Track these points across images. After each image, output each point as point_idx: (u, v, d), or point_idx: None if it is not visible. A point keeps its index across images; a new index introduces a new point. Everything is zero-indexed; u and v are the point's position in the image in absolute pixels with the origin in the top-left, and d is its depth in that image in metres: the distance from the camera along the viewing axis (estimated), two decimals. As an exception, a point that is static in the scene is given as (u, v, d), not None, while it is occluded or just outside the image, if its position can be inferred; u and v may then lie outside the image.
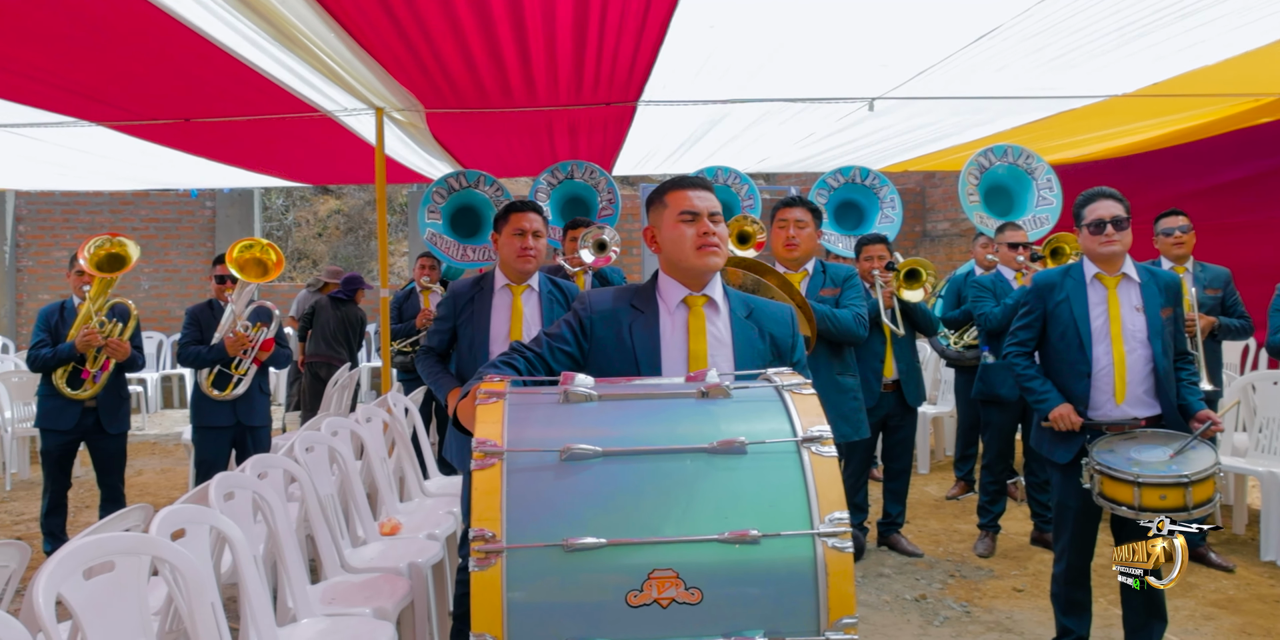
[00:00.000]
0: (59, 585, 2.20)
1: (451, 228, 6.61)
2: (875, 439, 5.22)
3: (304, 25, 4.04)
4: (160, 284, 11.57)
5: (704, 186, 2.29)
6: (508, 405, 1.83)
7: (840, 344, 4.33)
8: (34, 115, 5.52)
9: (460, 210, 6.69)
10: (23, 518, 6.33)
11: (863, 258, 5.07)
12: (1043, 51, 4.66)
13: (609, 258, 5.18)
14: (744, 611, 1.61)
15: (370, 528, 4.05)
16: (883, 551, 5.10)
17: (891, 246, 5.13)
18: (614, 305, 2.32)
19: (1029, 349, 3.55)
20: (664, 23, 4.08)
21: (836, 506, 1.67)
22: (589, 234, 5.22)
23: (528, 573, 1.61)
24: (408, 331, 6.69)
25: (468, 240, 6.62)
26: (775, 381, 1.93)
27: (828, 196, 6.07)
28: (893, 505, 5.16)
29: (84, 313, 4.99)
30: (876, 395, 4.90)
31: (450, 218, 6.62)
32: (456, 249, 6.52)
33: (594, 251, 5.19)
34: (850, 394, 4.27)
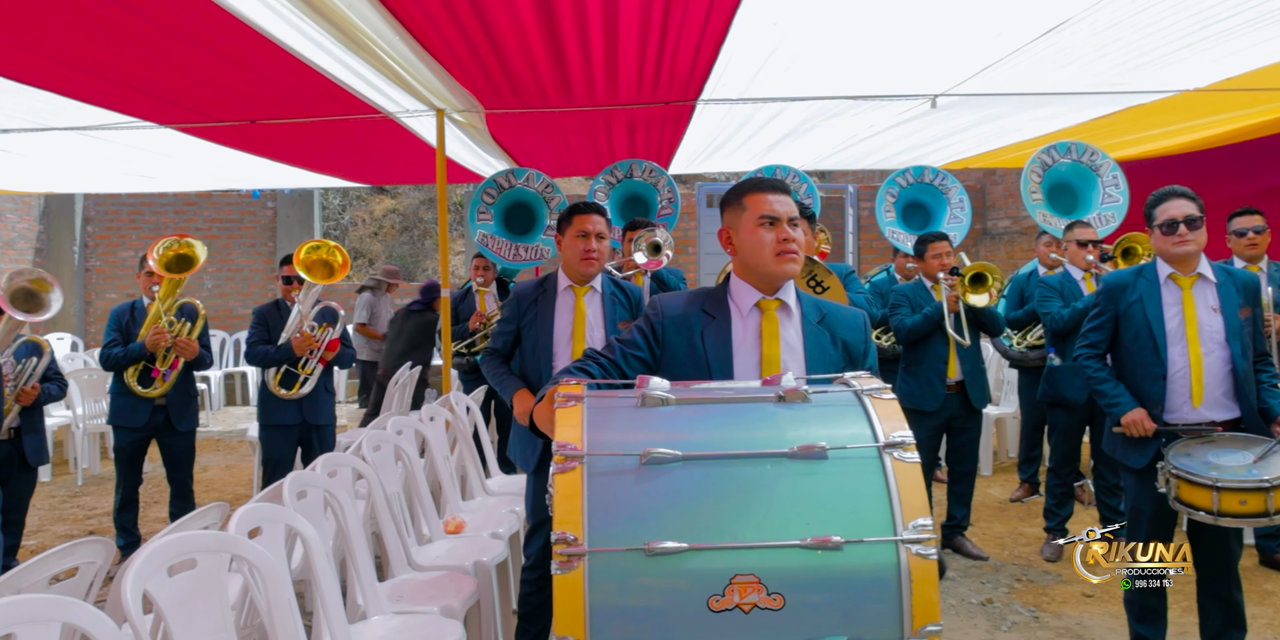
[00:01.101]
0: (145, 581, 2.26)
1: (505, 227, 6.64)
2: (939, 441, 5.16)
3: (369, 27, 4.09)
4: (223, 283, 11.80)
5: (784, 190, 2.27)
6: (586, 408, 1.84)
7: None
8: (105, 117, 5.65)
9: (512, 208, 6.71)
10: (95, 512, 6.49)
11: (929, 256, 5.00)
12: (1112, 46, 4.56)
13: (661, 261, 5.17)
14: (826, 618, 1.61)
15: (435, 526, 4.10)
16: (946, 554, 5.04)
17: (952, 242, 5.07)
18: (685, 310, 2.32)
19: (1100, 351, 3.49)
20: (727, 20, 4.07)
21: (920, 513, 1.65)
22: (642, 237, 5.22)
23: (610, 576, 1.61)
24: (462, 333, 6.74)
25: (521, 239, 6.64)
26: (854, 386, 1.91)
27: (897, 195, 6.00)
28: (957, 508, 5.10)
29: (153, 313, 5.11)
30: (941, 397, 4.84)
31: (503, 217, 6.66)
32: (509, 249, 6.56)
33: (648, 254, 5.18)
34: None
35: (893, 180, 6.09)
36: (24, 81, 4.79)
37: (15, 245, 10.96)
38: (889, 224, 5.87)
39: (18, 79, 4.74)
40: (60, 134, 6.10)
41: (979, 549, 5.03)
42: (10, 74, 4.65)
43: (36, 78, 4.76)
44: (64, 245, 11.58)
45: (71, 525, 6.11)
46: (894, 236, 5.72)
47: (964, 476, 5.09)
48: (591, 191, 6.73)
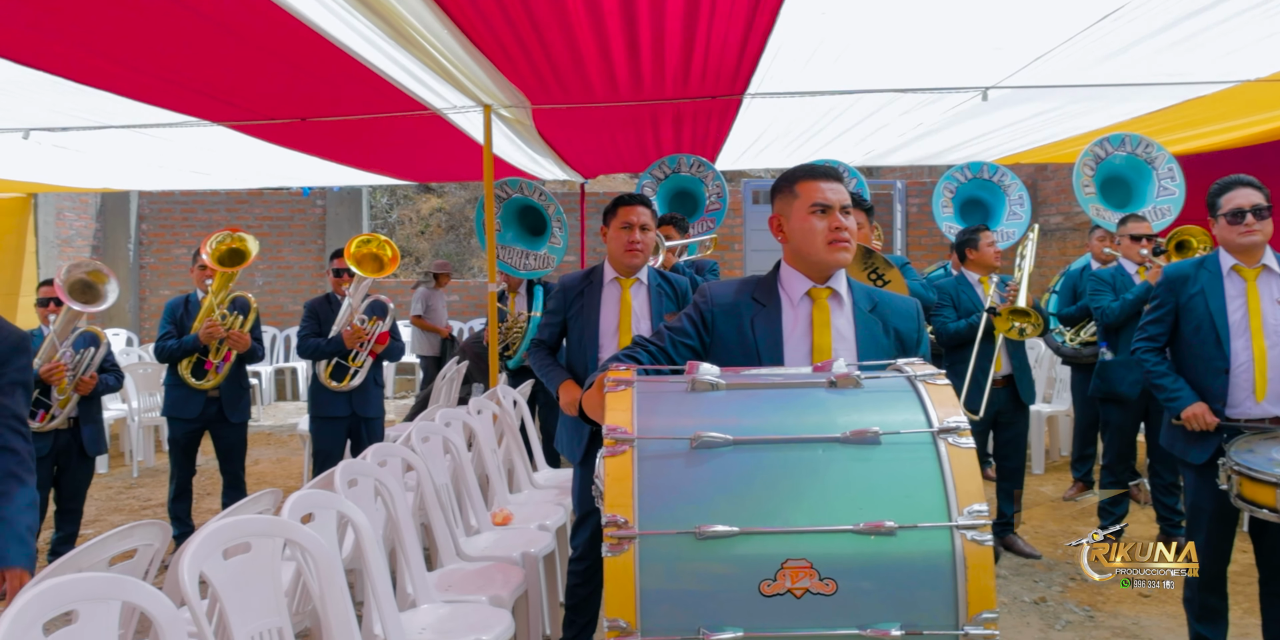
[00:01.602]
0: (202, 563, 2.30)
1: (515, 235, 6.63)
2: (986, 437, 5.09)
3: (419, 22, 4.12)
4: (274, 280, 11.98)
5: (836, 177, 2.25)
6: (636, 393, 1.83)
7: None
8: (160, 115, 5.76)
9: (519, 216, 6.70)
10: (150, 503, 6.62)
11: (984, 244, 4.96)
12: (1169, 33, 4.45)
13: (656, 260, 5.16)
14: (880, 604, 1.59)
15: (483, 517, 4.12)
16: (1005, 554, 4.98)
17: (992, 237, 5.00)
18: (735, 298, 2.30)
19: (1159, 345, 3.42)
20: (775, 9, 4.04)
21: (975, 498, 1.63)
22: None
23: (660, 559, 1.61)
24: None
25: (529, 246, 6.62)
26: (907, 372, 1.89)
27: (955, 190, 5.93)
28: (1007, 505, 5.02)
29: (206, 306, 5.20)
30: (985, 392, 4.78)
31: (511, 225, 6.64)
32: (520, 258, 6.55)
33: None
34: None
35: (950, 176, 6.01)
36: (82, 81, 4.89)
37: (73, 243, 11.21)
38: (947, 219, 5.80)
39: (76, 79, 4.84)
40: (117, 132, 6.23)
41: (1031, 547, 4.95)
42: (69, 74, 4.75)
43: (94, 78, 4.87)
44: (119, 243, 11.82)
45: (128, 515, 6.24)
46: (951, 232, 5.66)
47: (1012, 473, 5.02)
48: (639, 187, 6.73)
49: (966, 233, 5.06)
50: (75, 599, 2.01)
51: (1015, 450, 5.02)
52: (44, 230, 10.48)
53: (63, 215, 11.03)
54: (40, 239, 10.37)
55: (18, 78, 4.75)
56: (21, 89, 5.01)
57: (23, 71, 4.64)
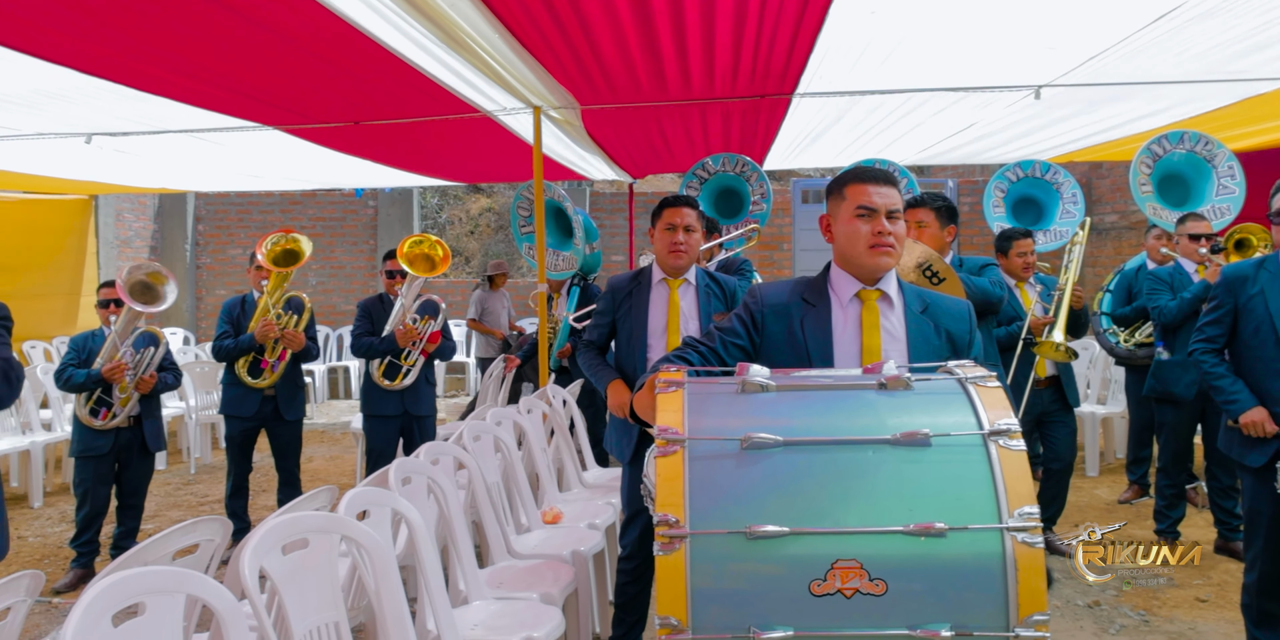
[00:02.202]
0: (262, 558, 2.35)
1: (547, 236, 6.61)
2: (1031, 439, 5.02)
3: (469, 25, 4.17)
4: (326, 280, 12.17)
5: (887, 181, 2.23)
6: (687, 394, 1.85)
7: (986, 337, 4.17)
8: (218, 120, 5.90)
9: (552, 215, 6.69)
10: (207, 499, 6.76)
11: (1013, 253, 4.88)
12: (1228, 32, 4.38)
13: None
14: (930, 605, 1.60)
15: (534, 515, 4.17)
16: (1051, 556, 4.93)
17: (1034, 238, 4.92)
18: (785, 299, 2.31)
19: (1218, 346, 3.36)
20: (824, 8, 4.03)
21: (1026, 501, 1.63)
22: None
23: (711, 558, 1.63)
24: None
25: (557, 247, 6.61)
26: (958, 374, 1.89)
27: (1006, 190, 5.85)
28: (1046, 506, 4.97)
29: (262, 305, 5.31)
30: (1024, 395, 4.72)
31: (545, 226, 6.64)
32: (551, 258, 6.52)
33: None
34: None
35: (1001, 175, 5.94)
36: (142, 89, 5.02)
37: (132, 244, 11.48)
38: (998, 219, 5.73)
39: (137, 86, 4.97)
40: (175, 136, 6.38)
41: (1065, 543, 4.90)
42: (130, 82, 4.88)
43: (154, 85, 5.00)
44: (177, 243, 12.08)
45: (186, 511, 6.39)
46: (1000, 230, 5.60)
47: (1057, 475, 4.94)
48: (682, 188, 6.74)
49: (1002, 238, 4.98)
50: (142, 592, 2.07)
51: (1063, 451, 4.94)
52: (104, 231, 10.75)
53: (122, 217, 11.30)
54: (100, 240, 10.64)
55: (81, 85, 4.90)
56: (85, 96, 5.16)
57: (86, 80, 4.78)
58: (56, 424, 7.07)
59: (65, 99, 5.24)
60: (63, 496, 6.72)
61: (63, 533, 5.80)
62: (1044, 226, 5.64)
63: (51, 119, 5.77)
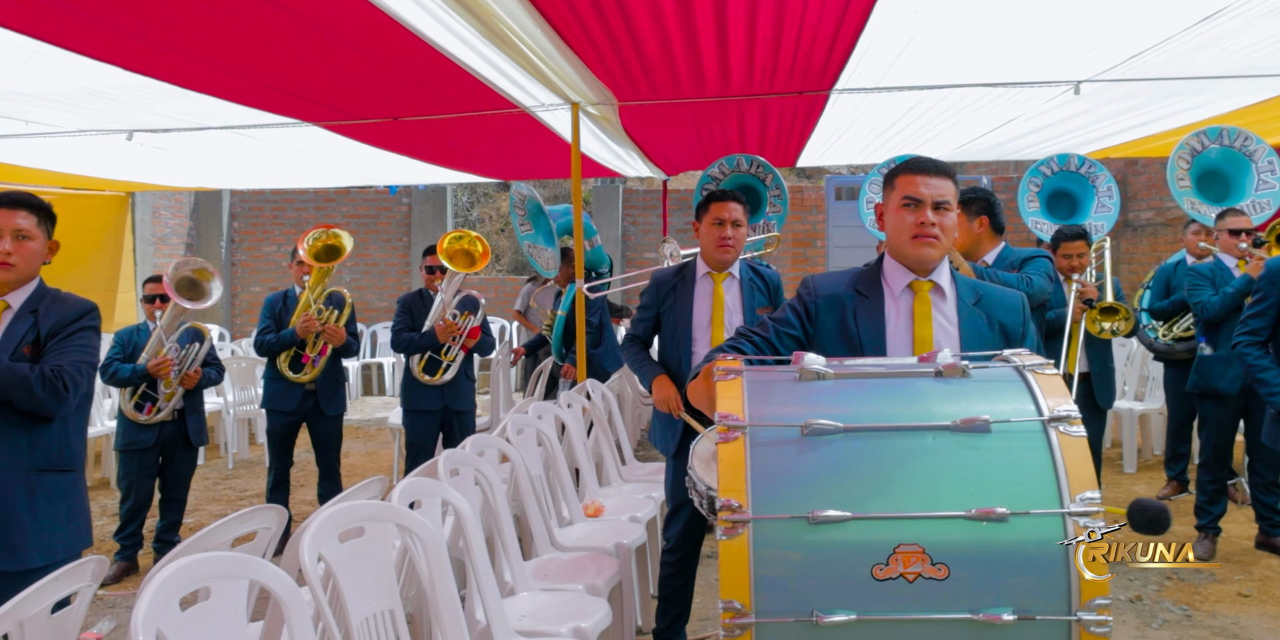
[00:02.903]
0: (320, 545, 2.40)
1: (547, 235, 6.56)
2: None
3: (511, 20, 4.21)
4: (360, 276, 12.28)
5: (938, 172, 2.25)
6: (746, 382, 1.88)
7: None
8: (257, 116, 5.97)
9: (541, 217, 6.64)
10: (246, 493, 6.85)
11: (1060, 254, 4.85)
12: (1270, 33, 4.35)
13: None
14: (992, 589, 1.62)
15: (576, 509, 4.21)
16: None
17: (1090, 240, 4.89)
18: (838, 290, 2.34)
19: (1262, 338, 3.36)
20: (868, 7, 4.04)
21: (1088, 486, 1.65)
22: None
23: (774, 543, 1.66)
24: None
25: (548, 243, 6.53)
26: (1015, 361, 1.91)
27: (1040, 184, 5.83)
28: None
29: (303, 301, 5.37)
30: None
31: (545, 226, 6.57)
32: (551, 257, 6.47)
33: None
34: None
35: (1036, 169, 5.91)
36: (185, 86, 5.09)
37: (168, 240, 11.63)
38: (1032, 214, 5.70)
39: (179, 83, 5.04)
40: (214, 133, 6.46)
41: None
42: (173, 79, 4.95)
43: (196, 82, 5.06)
44: (212, 240, 12.23)
45: (225, 505, 6.47)
46: (1038, 227, 5.57)
47: None
48: (699, 187, 6.69)
49: (1055, 237, 4.97)
50: (208, 576, 2.13)
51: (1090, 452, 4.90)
52: (140, 228, 10.89)
53: (158, 214, 11.45)
54: (137, 237, 10.77)
55: (125, 83, 4.97)
56: (128, 93, 5.24)
57: (129, 77, 4.85)
58: (97, 418, 7.17)
59: (109, 97, 5.32)
60: (103, 490, 6.82)
61: (104, 526, 5.90)
62: (1079, 221, 5.61)
63: (94, 116, 5.86)
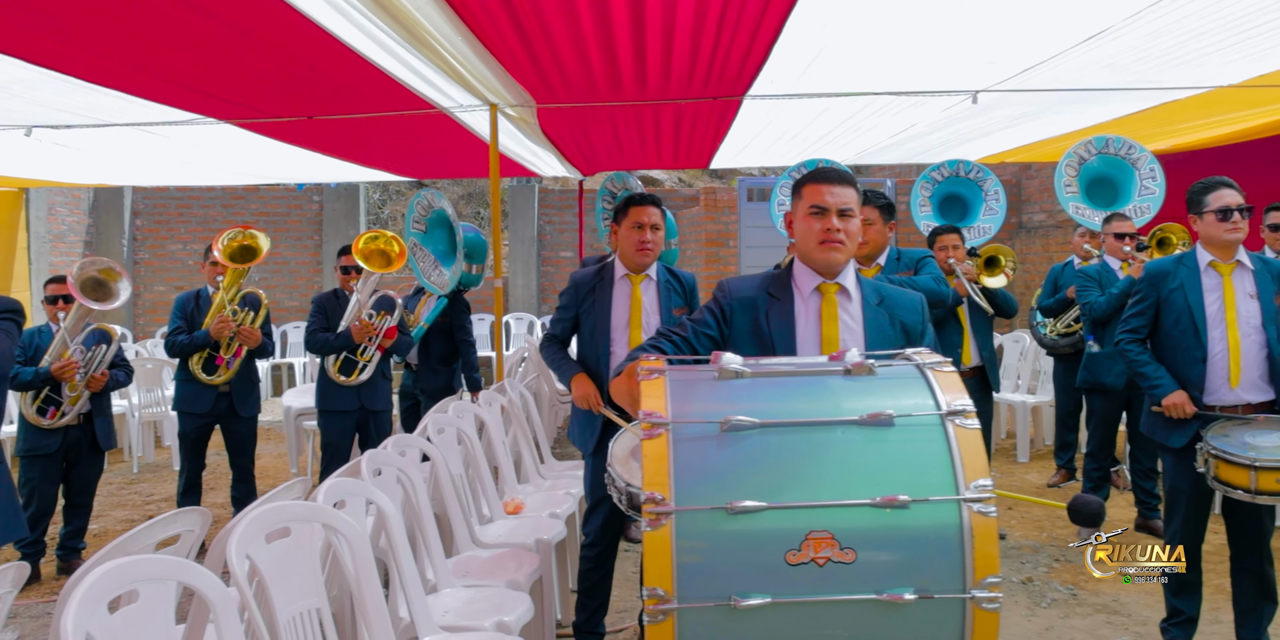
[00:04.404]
0: (247, 546, 2.43)
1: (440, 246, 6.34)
2: None
3: (429, 24, 4.24)
4: (270, 276, 12.05)
5: (842, 181, 2.40)
6: (669, 381, 1.99)
7: None
8: (168, 113, 5.84)
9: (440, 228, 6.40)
10: (153, 498, 6.71)
11: (937, 248, 5.12)
12: (1151, 51, 4.66)
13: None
14: (895, 571, 1.76)
15: (496, 506, 4.27)
16: None
17: (964, 234, 5.18)
18: (751, 292, 2.48)
19: (1142, 336, 3.61)
20: (780, 21, 4.19)
21: (981, 474, 1.80)
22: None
23: (694, 532, 1.77)
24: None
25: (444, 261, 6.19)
26: (916, 360, 2.06)
27: (932, 190, 6.10)
28: None
29: (218, 302, 5.30)
30: None
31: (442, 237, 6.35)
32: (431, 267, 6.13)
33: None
34: None
35: (927, 175, 6.19)
36: (91, 81, 4.96)
37: (65, 239, 11.25)
38: (925, 217, 5.98)
39: (85, 78, 4.91)
40: (118, 130, 6.31)
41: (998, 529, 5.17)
42: (78, 73, 4.83)
43: (103, 77, 4.93)
44: (113, 239, 11.86)
45: (131, 510, 6.33)
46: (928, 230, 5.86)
47: None
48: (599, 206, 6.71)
49: (931, 233, 5.25)
50: (137, 579, 2.15)
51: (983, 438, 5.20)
52: (35, 226, 10.51)
53: (55, 210, 11.07)
54: (32, 234, 10.40)
55: (25, 76, 4.81)
56: (27, 88, 5.07)
57: (30, 70, 4.68)
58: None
59: (8, 92, 5.17)
60: (4, 496, 6.59)
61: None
62: (968, 223, 5.91)
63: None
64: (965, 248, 5.13)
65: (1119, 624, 3.94)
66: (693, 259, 10.89)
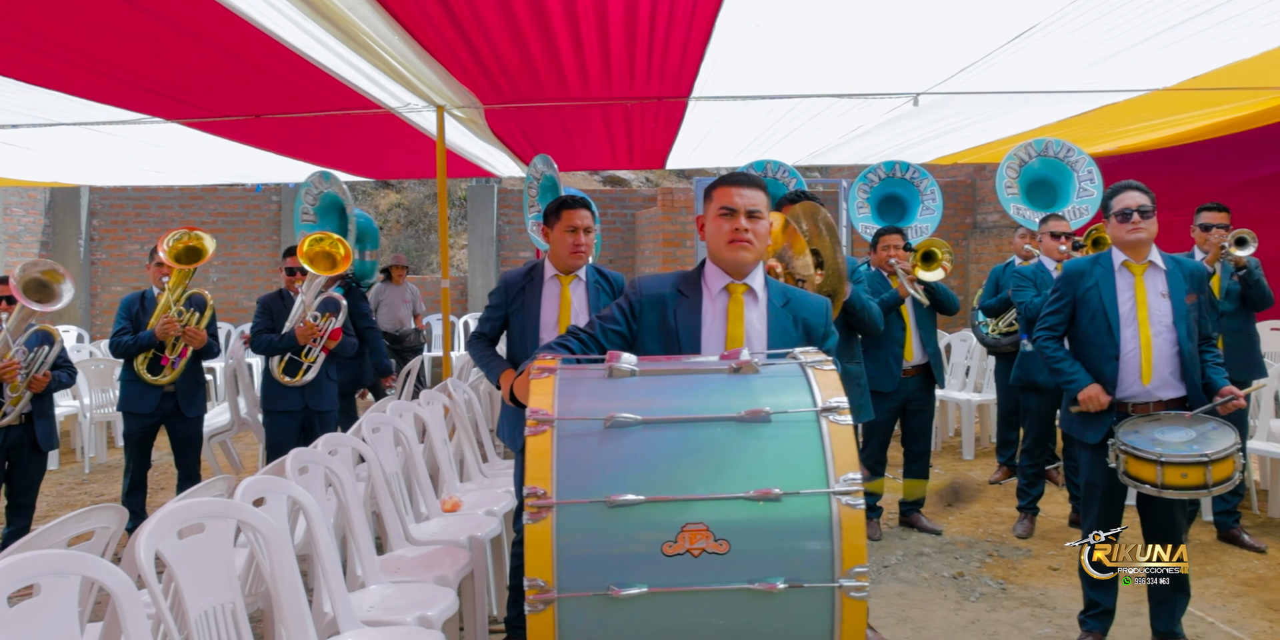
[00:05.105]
0: (158, 542, 2.45)
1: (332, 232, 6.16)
2: (894, 422, 5.37)
3: (367, 26, 4.26)
4: (228, 276, 12.01)
5: (750, 184, 2.47)
6: (558, 380, 2.04)
7: (851, 333, 4.44)
8: (114, 113, 5.84)
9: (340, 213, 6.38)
10: (102, 498, 6.68)
11: (880, 248, 5.21)
12: (1080, 48, 4.76)
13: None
14: (767, 561, 1.82)
15: (433, 504, 4.30)
16: (907, 531, 5.32)
17: (906, 234, 5.26)
18: (662, 290, 2.54)
19: (1058, 333, 3.69)
20: (710, 20, 4.25)
21: (850, 468, 1.86)
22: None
23: (575, 525, 1.83)
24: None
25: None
26: (800, 359, 2.12)
27: (869, 191, 6.19)
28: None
29: (163, 302, 5.29)
30: (897, 379, 5.07)
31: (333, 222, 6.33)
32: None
33: None
34: (855, 380, 4.31)
35: (864, 177, 6.29)
36: (33, 82, 4.96)
37: (21, 239, 11.17)
38: (862, 219, 6.08)
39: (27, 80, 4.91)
40: (68, 129, 6.28)
41: (933, 524, 5.31)
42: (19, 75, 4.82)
43: (45, 78, 4.94)
44: (69, 239, 11.77)
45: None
46: (867, 232, 5.95)
47: (919, 456, 5.36)
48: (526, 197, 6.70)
49: (876, 236, 5.33)
50: (38, 573, 2.16)
51: (923, 434, 5.36)
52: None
53: (10, 211, 10.98)
54: (-13, 235, 10.34)
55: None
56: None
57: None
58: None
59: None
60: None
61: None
62: (906, 223, 6.01)
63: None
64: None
65: (1043, 617, 4.02)
66: (650, 259, 10.95)
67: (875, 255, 5.22)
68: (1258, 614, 4.00)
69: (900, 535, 5.23)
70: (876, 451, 5.22)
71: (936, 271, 5.17)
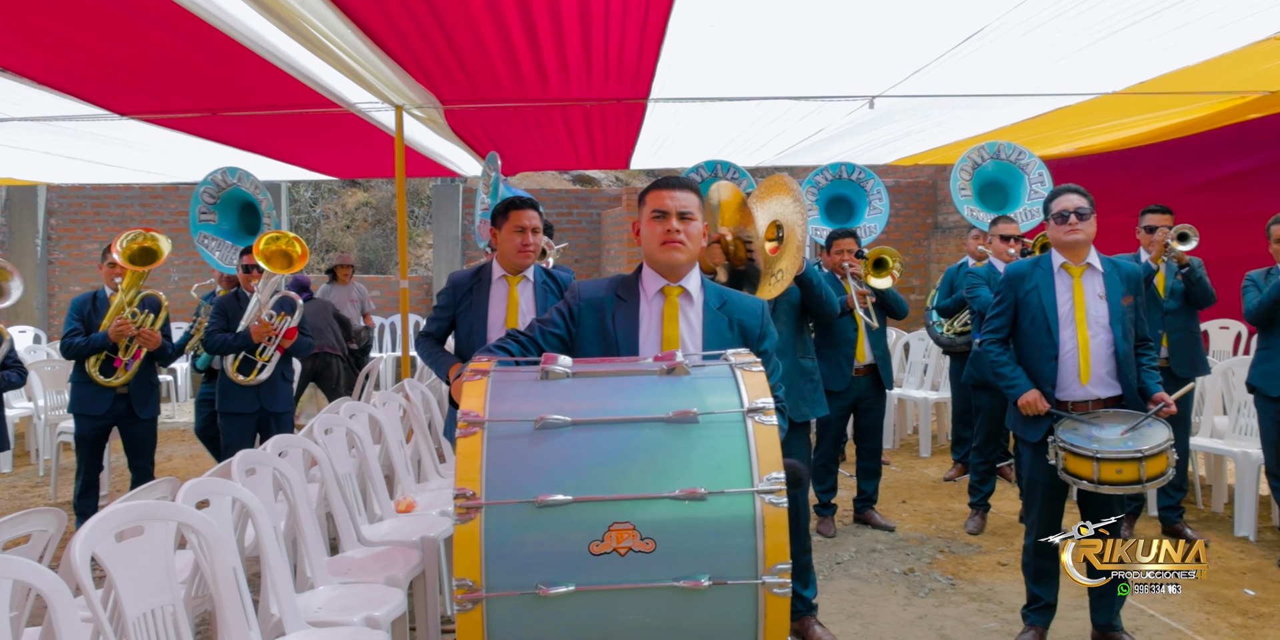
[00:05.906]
0: (94, 545, 2.45)
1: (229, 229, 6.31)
2: (847, 420, 5.43)
3: (323, 24, 4.22)
4: (189, 276, 11.88)
5: (682, 187, 2.50)
6: (491, 382, 2.06)
7: (801, 329, 4.46)
8: (70, 107, 5.74)
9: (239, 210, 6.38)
10: (57, 501, 6.63)
11: (834, 251, 5.24)
12: (1029, 50, 4.82)
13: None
14: (693, 559, 1.85)
15: (386, 505, 4.30)
16: (859, 528, 5.39)
17: (859, 238, 5.32)
18: (600, 294, 2.56)
19: (1002, 336, 3.75)
20: (663, 21, 4.28)
21: (774, 467, 1.89)
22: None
23: (503, 526, 1.85)
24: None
25: (243, 242, 6.10)
26: (730, 360, 2.15)
27: (817, 194, 6.25)
28: (866, 483, 5.43)
29: (116, 304, 5.23)
30: (848, 378, 5.13)
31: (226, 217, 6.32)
32: (229, 252, 6.10)
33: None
34: (809, 376, 4.36)
35: (811, 179, 6.35)
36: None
37: (-23, 238, 11.03)
38: (813, 221, 6.14)
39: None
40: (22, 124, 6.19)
41: (887, 520, 5.38)
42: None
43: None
44: (26, 238, 11.63)
45: (36, 512, 6.24)
46: (818, 234, 6.00)
47: (871, 454, 5.43)
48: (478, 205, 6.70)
49: (829, 238, 5.37)
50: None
51: (875, 432, 5.44)
52: (-53, 225, 10.30)
53: (-36, 210, 10.85)
54: (-57, 234, 10.19)
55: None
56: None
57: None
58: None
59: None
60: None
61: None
62: (854, 224, 6.08)
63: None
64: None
65: (990, 611, 4.09)
66: (616, 258, 10.98)
67: (829, 258, 5.27)
68: (1196, 606, 4.09)
69: (854, 532, 5.29)
70: (829, 449, 5.29)
71: (886, 279, 5.22)
